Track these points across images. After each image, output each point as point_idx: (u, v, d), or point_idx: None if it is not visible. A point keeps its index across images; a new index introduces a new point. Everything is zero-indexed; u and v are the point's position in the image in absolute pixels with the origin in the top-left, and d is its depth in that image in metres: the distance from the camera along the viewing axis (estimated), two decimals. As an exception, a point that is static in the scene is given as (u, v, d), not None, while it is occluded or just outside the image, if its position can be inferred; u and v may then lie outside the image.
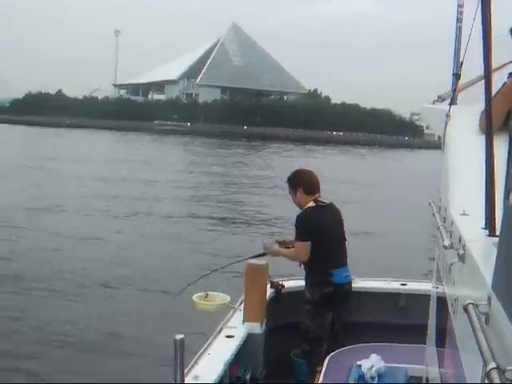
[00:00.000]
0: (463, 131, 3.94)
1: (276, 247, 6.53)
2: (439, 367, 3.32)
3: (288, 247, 6.47)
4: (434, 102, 5.03)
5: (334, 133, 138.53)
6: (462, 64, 4.42)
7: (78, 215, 23.45)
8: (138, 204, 27.70)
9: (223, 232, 21.21)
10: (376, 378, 4.82)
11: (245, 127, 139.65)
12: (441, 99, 4.90)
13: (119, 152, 66.16)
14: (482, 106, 2.93)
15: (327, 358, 5.72)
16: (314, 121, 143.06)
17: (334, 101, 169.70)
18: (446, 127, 4.10)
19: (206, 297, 5.98)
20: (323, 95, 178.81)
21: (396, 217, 25.16)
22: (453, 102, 4.33)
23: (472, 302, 1.81)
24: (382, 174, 50.87)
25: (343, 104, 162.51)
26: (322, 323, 6.24)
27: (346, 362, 5.20)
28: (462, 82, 4.52)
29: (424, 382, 4.56)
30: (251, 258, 6.64)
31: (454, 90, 4.36)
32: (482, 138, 2.60)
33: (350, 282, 6.47)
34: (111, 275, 14.40)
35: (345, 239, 6.58)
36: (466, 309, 1.82)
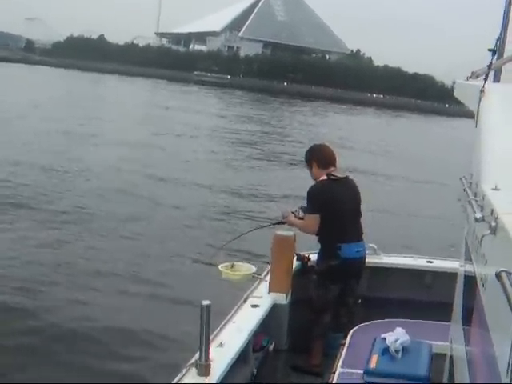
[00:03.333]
0: (498, 108, 3.90)
1: (291, 217, 6.51)
2: (465, 345, 3.30)
3: (301, 218, 6.45)
4: (467, 79, 4.94)
5: (374, 95, 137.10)
6: (501, 40, 4.33)
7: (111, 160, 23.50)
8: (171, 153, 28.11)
9: (253, 192, 21.11)
10: (400, 352, 4.78)
11: (285, 84, 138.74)
12: (475, 75, 4.80)
13: (159, 98, 66.39)
14: None
15: (350, 332, 5.73)
16: (355, 82, 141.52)
17: (376, 63, 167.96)
18: (479, 103, 4.02)
19: (232, 266, 5.99)
20: (366, 56, 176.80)
21: (426, 190, 24.83)
22: (487, 79, 4.25)
23: (505, 269, 1.80)
24: (418, 140, 50.26)
25: (385, 66, 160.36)
26: (325, 295, 6.29)
27: (369, 335, 5.18)
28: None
29: (448, 359, 4.54)
30: (269, 225, 6.74)
31: (489, 67, 4.26)
32: None
33: (362, 258, 6.44)
34: (138, 231, 14.46)
35: (359, 214, 6.54)
36: (498, 276, 1.82)
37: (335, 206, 6.31)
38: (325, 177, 6.41)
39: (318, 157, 6.54)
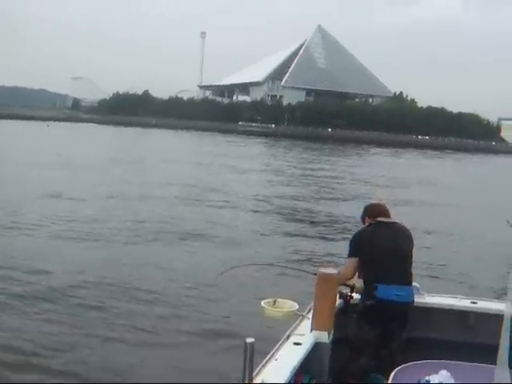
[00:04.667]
0: None
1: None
2: None
3: None
4: None
5: (420, 137, 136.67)
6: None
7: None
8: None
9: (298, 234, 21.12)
10: (444, 395, 4.67)
11: (329, 130, 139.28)
12: None
13: (206, 149, 67.26)
14: None
15: (393, 373, 5.61)
16: (399, 124, 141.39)
17: (419, 104, 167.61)
18: None
19: (275, 303, 5.95)
20: (409, 98, 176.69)
21: (478, 227, 24.47)
22: None
23: None
24: (467, 178, 49.89)
25: (429, 107, 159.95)
26: (361, 335, 6.23)
27: (412, 377, 5.07)
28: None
29: None
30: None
31: None
32: None
33: (404, 303, 6.30)
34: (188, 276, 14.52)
35: (407, 258, 6.44)
36: None
37: (374, 249, 6.29)
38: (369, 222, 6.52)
39: (371, 211, 6.64)
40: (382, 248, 6.29)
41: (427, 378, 4.81)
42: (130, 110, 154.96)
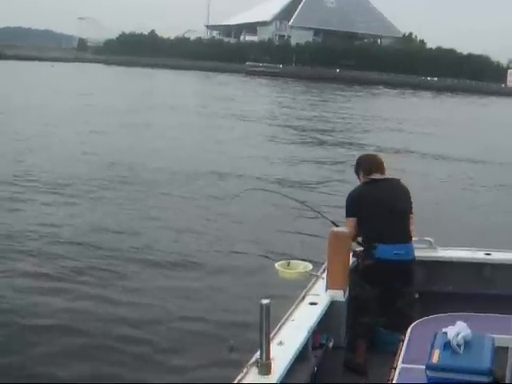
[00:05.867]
0: None
1: None
2: None
3: None
4: None
5: (428, 78, 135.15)
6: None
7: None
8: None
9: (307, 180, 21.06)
10: (462, 346, 4.71)
11: (337, 70, 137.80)
12: None
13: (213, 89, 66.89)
14: None
15: (410, 328, 5.68)
16: (408, 65, 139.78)
17: (429, 45, 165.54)
18: None
19: (289, 265, 5.98)
20: (418, 39, 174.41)
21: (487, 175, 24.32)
22: None
23: None
24: (476, 121, 49.50)
25: (438, 48, 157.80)
26: (362, 294, 6.28)
27: (429, 330, 5.12)
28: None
29: (510, 352, 4.49)
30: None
31: None
32: None
33: (403, 261, 6.33)
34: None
35: (405, 215, 6.46)
36: None
37: (370, 208, 6.32)
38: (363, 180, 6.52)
39: (364, 166, 6.62)
40: (377, 207, 6.32)
41: (444, 330, 4.86)
42: (136, 50, 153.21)
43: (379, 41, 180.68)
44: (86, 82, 68.92)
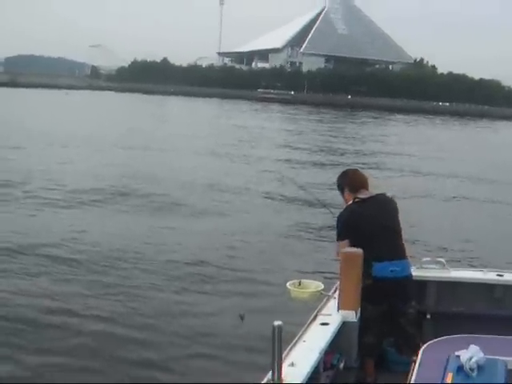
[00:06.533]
0: None
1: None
2: None
3: None
4: None
5: (440, 103, 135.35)
6: None
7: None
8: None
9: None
10: (475, 370, 4.67)
11: (349, 96, 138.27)
12: None
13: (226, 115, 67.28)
14: None
15: (422, 348, 5.64)
16: (420, 91, 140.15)
17: (440, 70, 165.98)
18: None
19: (300, 284, 5.96)
20: (429, 64, 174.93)
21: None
22: None
23: None
24: (491, 145, 49.45)
25: (450, 74, 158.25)
26: (364, 314, 6.11)
27: (442, 352, 5.07)
28: None
29: None
30: None
31: None
32: None
33: (399, 278, 6.22)
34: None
35: (396, 231, 6.38)
36: None
37: (362, 227, 6.25)
38: (351, 201, 6.41)
39: (349, 182, 6.53)
40: (370, 226, 6.23)
41: (457, 353, 4.82)
42: (148, 77, 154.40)
43: (390, 67, 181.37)
44: (110, 111, 69.24)
